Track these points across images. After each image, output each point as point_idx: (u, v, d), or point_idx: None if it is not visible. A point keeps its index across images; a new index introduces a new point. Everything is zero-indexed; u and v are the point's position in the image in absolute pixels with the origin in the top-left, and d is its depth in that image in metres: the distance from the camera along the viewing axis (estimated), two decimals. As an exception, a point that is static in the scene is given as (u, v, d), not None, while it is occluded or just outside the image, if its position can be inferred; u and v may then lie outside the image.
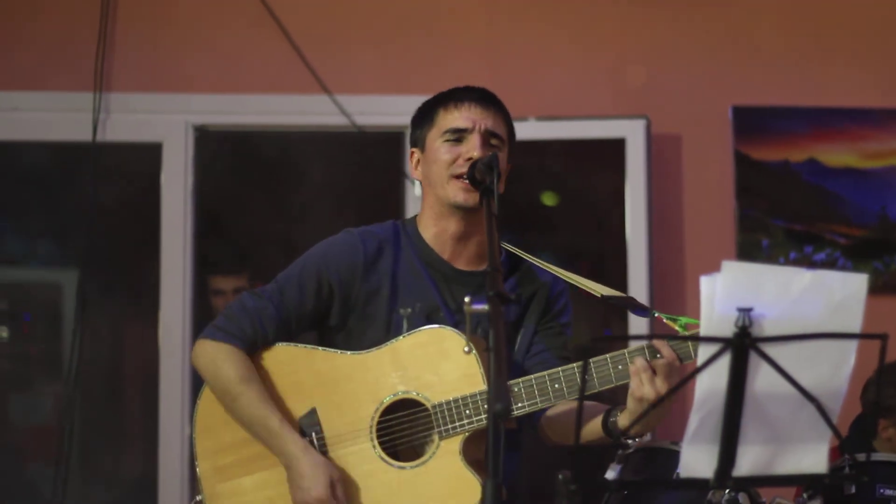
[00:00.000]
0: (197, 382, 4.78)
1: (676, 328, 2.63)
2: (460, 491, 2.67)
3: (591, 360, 2.62)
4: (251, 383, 2.78)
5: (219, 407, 2.84)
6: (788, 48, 5.09)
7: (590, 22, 5.10)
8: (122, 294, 5.42)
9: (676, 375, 2.57)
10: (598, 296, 2.77)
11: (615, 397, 2.71)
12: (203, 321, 4.85)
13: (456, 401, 2.70)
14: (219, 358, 2.80)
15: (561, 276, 2.86)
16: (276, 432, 2.75)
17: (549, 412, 2.82)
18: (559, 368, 2.67)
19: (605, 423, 2.67)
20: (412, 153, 2.93)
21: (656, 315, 2.71)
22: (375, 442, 2.75)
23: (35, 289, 5.66)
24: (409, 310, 2.82)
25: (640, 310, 2.79)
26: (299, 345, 2.84)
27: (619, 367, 2.63)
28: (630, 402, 2.59)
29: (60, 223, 5.44)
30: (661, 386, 2.54)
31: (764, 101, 5.02)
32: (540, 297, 2.90)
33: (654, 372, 2.56)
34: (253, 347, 2.82)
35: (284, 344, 2.84)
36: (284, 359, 2.83)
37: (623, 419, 2.62)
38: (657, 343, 2.60)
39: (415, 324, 2.80)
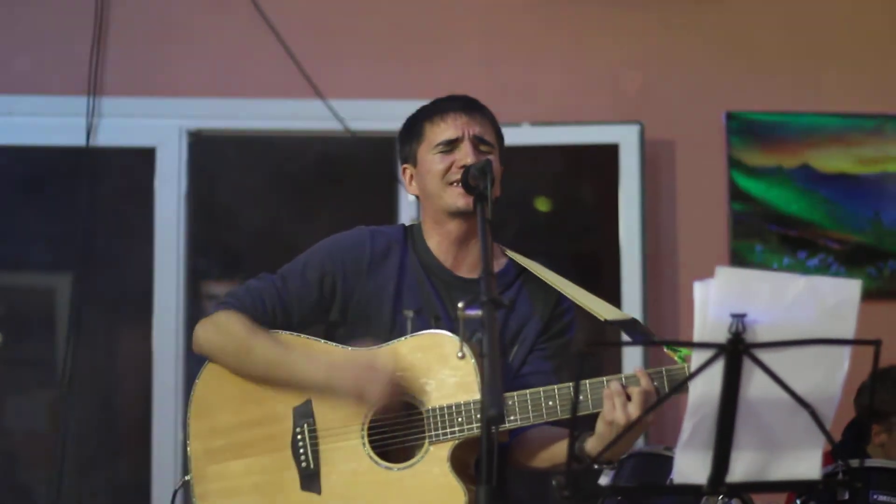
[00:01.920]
0: (190, 386, 4.80)
1: (676, 359, 2.62)
2: (444, 497, 2.66)
3: (586, 382, 2.61)
4: (260, 332, 2.80)
5: (217, 389, 2.85)
6: (782, 54, 5.10)
7: (584, 28, 5.10)
8: (115, 299, 5.40)
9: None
10: (602, 319, 2.76)
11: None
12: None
13: (450, 407, 2.69)
14: (222, 322, 2.82)
15: (565, 294, 2.84)
16: (298, 369, 2.75)
17: (522, 435, 2.80)
18: (555, 386, 2.65)
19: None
20: (404, 169, 2.94)
21: (657, 342, 2.70)
22: (366, 440, 2.75)
23: (28, 294, 5.64)
24: (412, 313, 2.82)
25: (642, 336, 2.78)
26: (301, 335, 2.84)
27: None
28: (599, 425, 2.58)
29: (54, 228, 5.43)
30: (634, 412, 2.53)
31: (758, 107, 5.02)
32: (545, 305, 2.88)
33: (628, 398, 2.55)
34: (252, 320, 2.82)
35: (285, 332, 2.84)
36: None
37: (590, 443, 2.61)
38: (639, 373, 2.58)
39: (418, 326, 2.79)
